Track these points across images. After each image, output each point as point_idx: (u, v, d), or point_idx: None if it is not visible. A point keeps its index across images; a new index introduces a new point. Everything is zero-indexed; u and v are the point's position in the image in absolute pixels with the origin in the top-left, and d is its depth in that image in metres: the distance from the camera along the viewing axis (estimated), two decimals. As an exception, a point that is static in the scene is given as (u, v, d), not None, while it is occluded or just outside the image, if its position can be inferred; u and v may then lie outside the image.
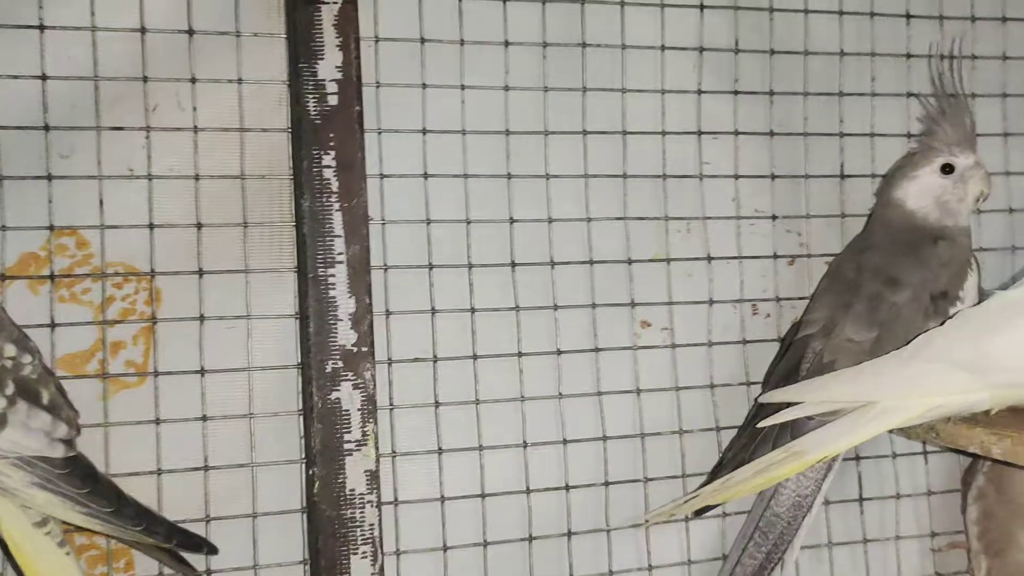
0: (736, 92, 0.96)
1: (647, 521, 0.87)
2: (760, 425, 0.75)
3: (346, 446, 0.76)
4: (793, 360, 0.86)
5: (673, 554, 0.92)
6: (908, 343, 0.74)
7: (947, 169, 0.86)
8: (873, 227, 0.89)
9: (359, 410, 0.77)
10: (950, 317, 0.82)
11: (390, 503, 0.82)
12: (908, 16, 0.99)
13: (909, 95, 0.98)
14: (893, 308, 0.82)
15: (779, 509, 0.84)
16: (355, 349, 0.77)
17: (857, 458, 0.98)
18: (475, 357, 0.87)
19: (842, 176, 0.99)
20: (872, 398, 0.72)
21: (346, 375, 0.76)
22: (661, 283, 0.94)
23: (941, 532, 1.00)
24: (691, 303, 0.95)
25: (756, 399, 0.87)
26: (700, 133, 0.95)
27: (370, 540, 0.76)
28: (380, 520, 0.78)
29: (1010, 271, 1.01)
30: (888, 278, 0.84)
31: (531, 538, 0.87)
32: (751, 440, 0.81)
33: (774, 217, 0.97)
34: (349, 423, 0.76)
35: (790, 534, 0.84)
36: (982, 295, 0.88)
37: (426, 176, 0.87)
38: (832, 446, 0.73)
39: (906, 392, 0.71)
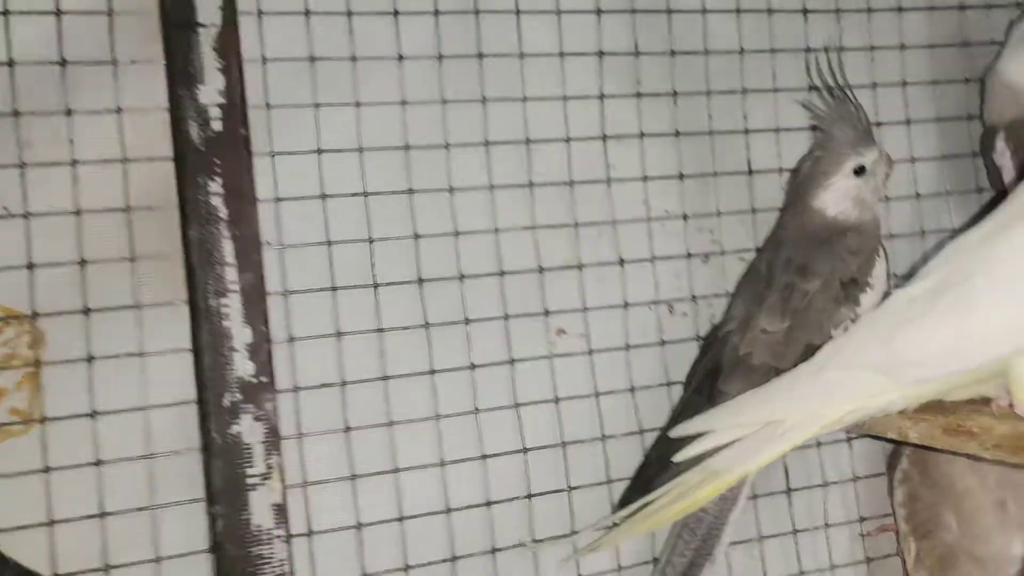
0: (639, 95, 0.96)
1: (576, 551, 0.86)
2: (675, 460, 0.74)
3: (249, 480, 0.74)
4: (715, 357, 0.86)
5: (603, 562, 0.91)
6: (820, 330, 0.74)
7: (859, 171, 0.86)
8: (787, 227, 0.89)
9: (262, 443, 0.75)
10: (860, 304, 0.83)
11: (303, 535, 0.80)
12: (805, 11, 1.00)
13: (811, 88, 0.98)
14: (804, 296, 0.83)
15: (705, 505, 0.84)
16: (254, 380, 0.75)
17: (783, 451, 0.98)
18: (386, 378, 0.85)
19: (750, 172, 0.99)
20: (785, 416, 0.71)
21: (246, 407, 0.74)
22: (574, 290, 0.93)
23: (870, 517, 1.01)
24: (606, 307, 0.94)
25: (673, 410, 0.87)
26: (605, 137, 0.95)
27: (281, 576, 0.74)
28: (291, 555, 0.76)
29: (919, 256, 1.01)
30: (799, 268, 0.84)
31: (455, 558, 0.86)
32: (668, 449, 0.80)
33: (685, 216, 0.97)
34: (251, 457, 0.74)
35: (718, 529, 0.84)
36: (892, 281, 0.89)
37: (324, 197, 0.85)
38: (749, 463, 0.72)
39: (819, 405, 0.70)
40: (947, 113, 1.05)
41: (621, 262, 0.94)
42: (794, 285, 0.83)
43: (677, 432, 0.75)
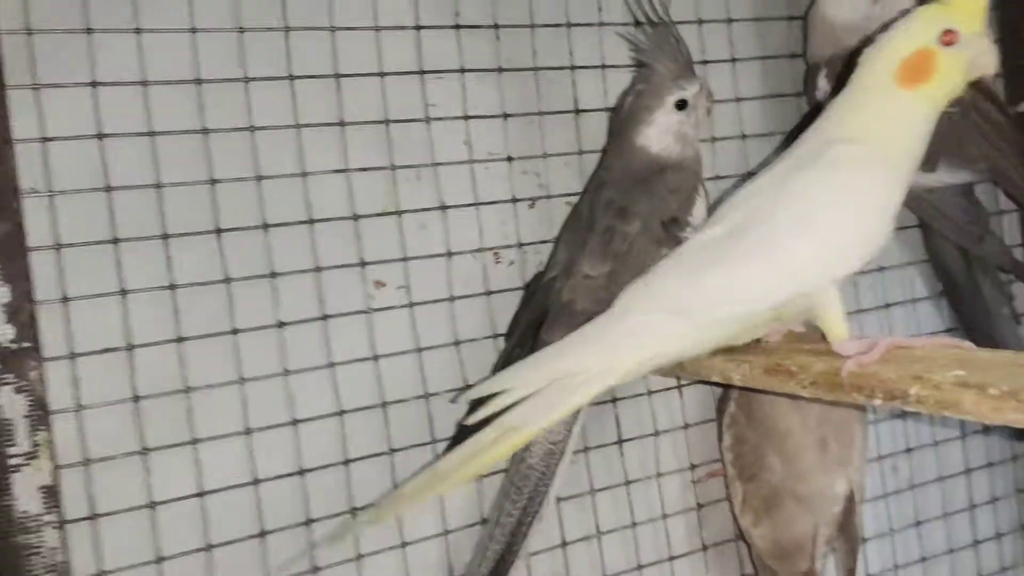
0: (458, 27, 0.89)
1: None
2: (468, 423, 0.69)
3: (12, 461, 0.64)
4: (538, 305, 0.82)
5: (428, 526, 0.86)
6: (642, 273, 0.71)
7: (680, 105, 0.84)
8: (610, 167, 0.86)
9: (26, 417, 0.65)
10: (682, 244, 0.81)
11: (84, 519, 0.71)
12: (631, -59, 0.96)
13: (637, 23, 0.95)
14: (625, 239, 0.80)
15: (532, 460, 0.80)
16: (14, 346, 0.65)
17: (614, 400, 0.95)
18: (180, 340, 0.77)
19: (576, 111, 0.94)
20: (583, 368, 0.68)
21: (5, 377, 0.64)
22: (393, 238, 0.87)
23: (701, 463, 1.00)
24: (428, 257, 0.88)
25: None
26: (423, 72, 0.88)
27: (54, 568, 0.65)
28: (66, 542, 0.67)
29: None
30: (619, 210, 0.81)
31: (263, 533, 0.79)
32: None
33: (510, 159, 0.92)
34: (13, 434, 0.64)
35: (545, 485, 0.81)
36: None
37: (101, 136, 0.75)
38: (546, 417, 0.69)
39: (618, 353, 0.68)
40: (771, 51, 1.04)
41: (443, 208, 0.89)
42: (614, 228, 0.80)
43: (474, 393, 0.71)
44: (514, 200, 0.92)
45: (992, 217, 1.13)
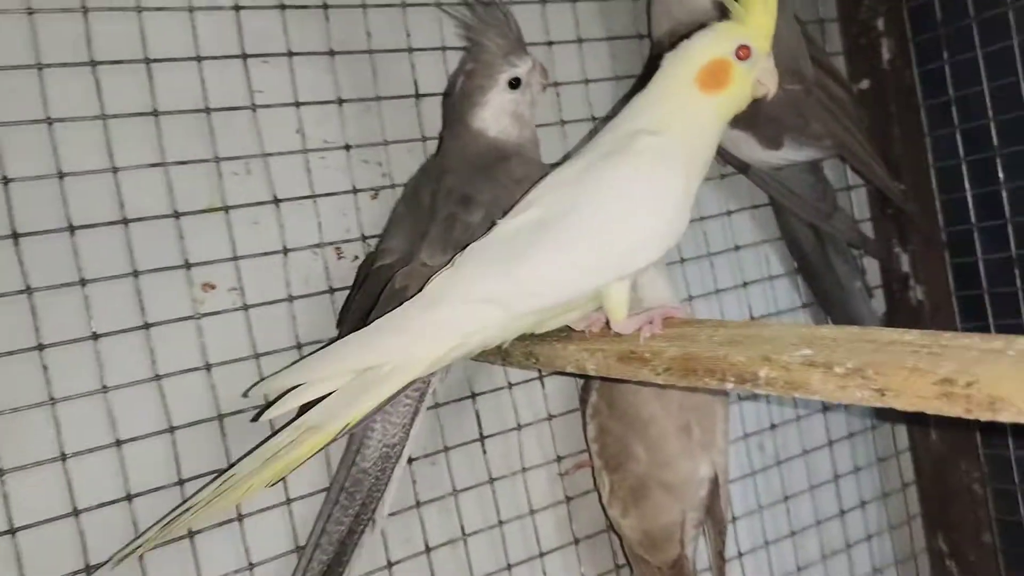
0: (283, 7, 0.83)
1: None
2: (258, 420, 0.64)
3: None
4: (371, 292, 0.76)
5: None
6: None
7: (514, 83, 0.80)
8: (449, 153, 0.81)
9: None
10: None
11: None
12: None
13: (467, 2, 0.90)
14: (467, 228, 0.75)
15: (366, 464, 0.76)
16: None
17: (473, 396, 0.91)
18: (-27, 360, 0.68)
19: (417, 96, 0.89)
20: (388, 359, 0.65)
21: None
22: (222, 237, 0.80)
23: (567, 455, 0.97)
24: (262, 255, 0.81)
25: None
26: (245, 56, 0.81)
27: None
28: None
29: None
30: (462, 198, 0.77)
31: (88, 568, 0.71)
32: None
33: (348, 147, 0.86)
34: None
35: (379, 489, 0.76)
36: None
37: None
38: (351, 412, 0.65)
39: (425, 342, 0.65)
40: (618, 32, 1.01)
41: (276, 201, 0.82)
42: (456, 216, 0.75)
43: (267, 387, 0.67)
44: (355, 191, 0.86)
45: (841, 192, 1.14)
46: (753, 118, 0.83)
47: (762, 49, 0.69)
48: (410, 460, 0.86)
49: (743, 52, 0.67)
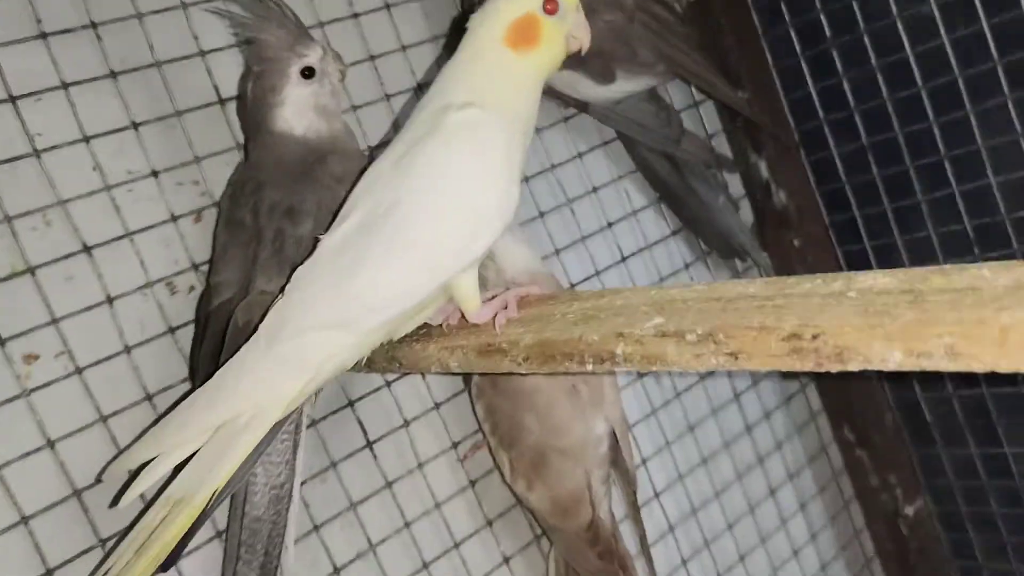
0: (44, 35, 0.74)
1: None
2: (118, 504, 0.59)
3: None
4: (217, 334, 0.71)
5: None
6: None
7: (307, 73, 0.74)
8: (260, 163, 0.75)
9: None
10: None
11: None
12: None
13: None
14: (299, 243, 0.70)
15: (257, 512, 0.72)
16: None
17: (351, 403, 0.87)
18: None
19: (221, 101, 0.82)
20: (241, 411, 0.60)
21: None
22: (35, 301, 0.73)
23: (461, 439, 0.94)
24: (83, 311, 0.74)
25: None
26: (14, 99, 0.73)
27: None
28: None
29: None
30: (287, 211, 0.71)
31: None
32: None
33: (155, 173, 0.79)
34: None
35: (279, 532, 0.72)
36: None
37: None
38: (218, 475, 0.61)
39: (276, 384, 0.61)
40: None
41: (87, 249, 0.75)
42: (284, 232, 0.70)
43: (122, 464, 0.63)
44: (174, 218, 0.80)
45: (690, 111, 1.12)
46: (580, 56, 0.79)
47: (570, 2, 0.65)
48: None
49: (550, 6, 0.64)
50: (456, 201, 0.62)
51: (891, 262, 1.09)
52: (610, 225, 1.05)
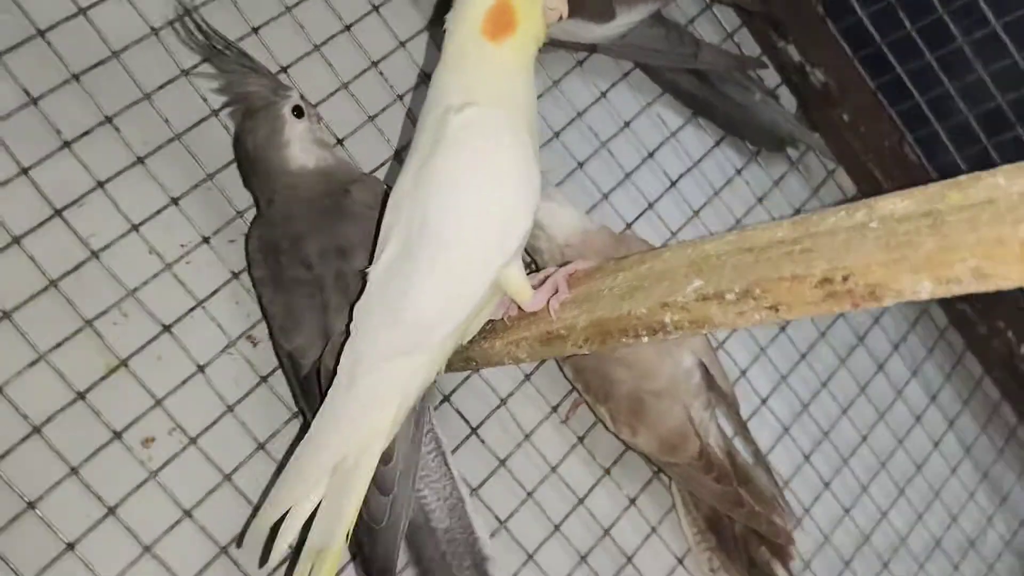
0: (67, 144, 0.78)
1: None
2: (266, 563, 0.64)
3: None
4: (318, 394, 0.73)
5: None
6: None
7: (297, 112, 0.77)
8: (288, 211, 0.77)
9: None
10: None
11: None
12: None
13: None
14: (359, 278, 0.72)
15: (443, 525, 0.76)
16: None
17: (446, 399, 0.90)
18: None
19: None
20: (346, 451, 0.64)
21: None
22: (135, 389, 0.78)
23: (559, 402, 0.97)
24: (182, 385, 0.79)
25: None
26: (59, 212, 0.77)
27: None
28: None
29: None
30: (338, 251, 0.74)
31: None
32: None
33: (206, 239, 0.82)
34: None
35: (473, 540, 0.77)
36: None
37: None
38: (345, 518, 0.64)
39: (369, 419, 0.64)
40: None
41: (167, 328, 0.80)
42: (343, 271, 0.72)
43: (257, 526, 0.67)
44: (235, 275, 0.83)
45: (706, 16, 1.09)
46: (574, 2, 0.78)
47: None
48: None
49: None
50: (478, 204, 0.63)
51: (948, 112, 1.05)
52: (651, 154, 1.04)
